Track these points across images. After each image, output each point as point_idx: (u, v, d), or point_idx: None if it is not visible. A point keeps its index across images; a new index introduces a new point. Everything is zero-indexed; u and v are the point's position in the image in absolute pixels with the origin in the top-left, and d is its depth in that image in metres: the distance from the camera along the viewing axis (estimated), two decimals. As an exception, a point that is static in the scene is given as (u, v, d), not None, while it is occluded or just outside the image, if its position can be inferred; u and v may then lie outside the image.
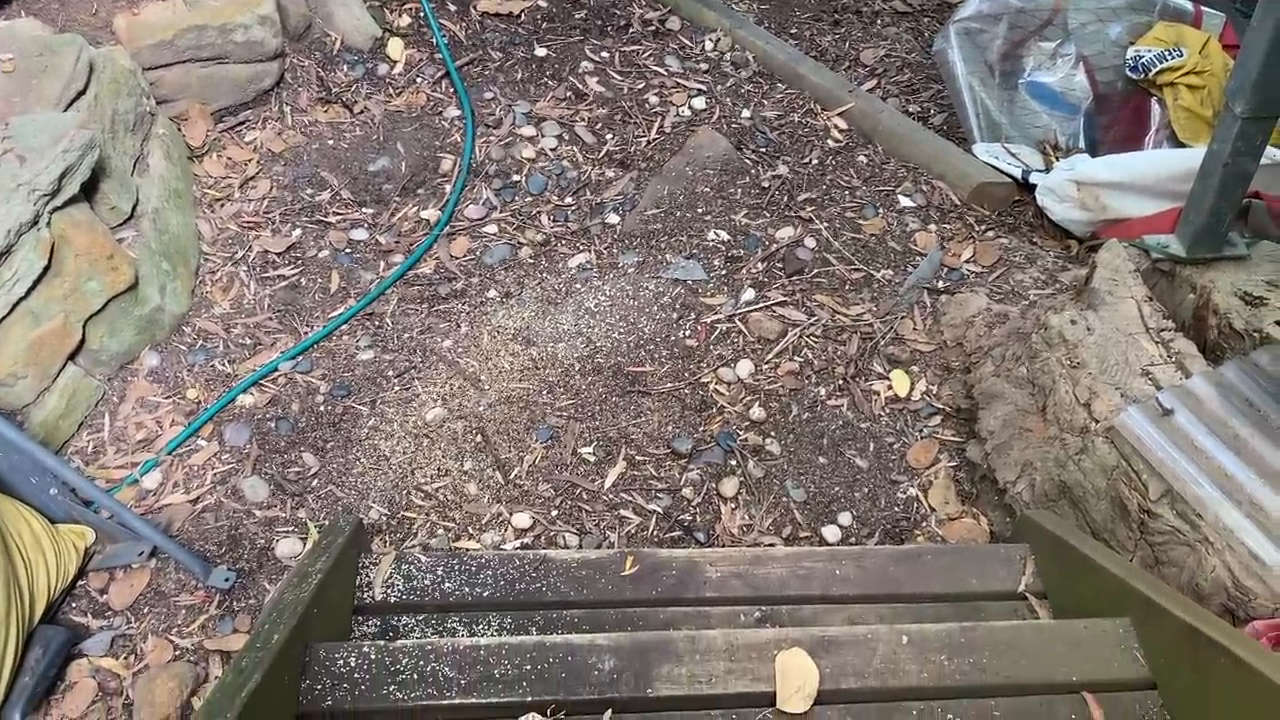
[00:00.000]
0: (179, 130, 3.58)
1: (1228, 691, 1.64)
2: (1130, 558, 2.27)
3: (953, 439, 2.95)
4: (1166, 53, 3.75)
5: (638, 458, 2.89)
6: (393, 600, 2.13)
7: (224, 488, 2.78)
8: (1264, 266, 2.72)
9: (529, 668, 1.80)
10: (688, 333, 3.19)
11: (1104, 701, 1.81)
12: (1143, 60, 3.79)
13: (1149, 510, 2.22)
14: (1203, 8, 3.98)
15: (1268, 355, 2.44)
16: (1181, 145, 3.74)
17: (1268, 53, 2.29)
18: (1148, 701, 1.82)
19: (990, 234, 3.53)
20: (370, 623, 2.12)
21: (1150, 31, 3.87)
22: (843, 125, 3.95)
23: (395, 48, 4.05)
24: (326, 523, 2.68)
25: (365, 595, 2.14)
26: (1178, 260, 2.73)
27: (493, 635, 2.07)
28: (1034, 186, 3.62)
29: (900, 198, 3.67)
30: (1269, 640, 1.96)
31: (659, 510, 2.77)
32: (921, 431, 2.98)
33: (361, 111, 3.82)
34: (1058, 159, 3.75)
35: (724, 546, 2.70)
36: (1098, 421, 2.41)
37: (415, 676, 1.78)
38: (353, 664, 1.80)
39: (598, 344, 3.14)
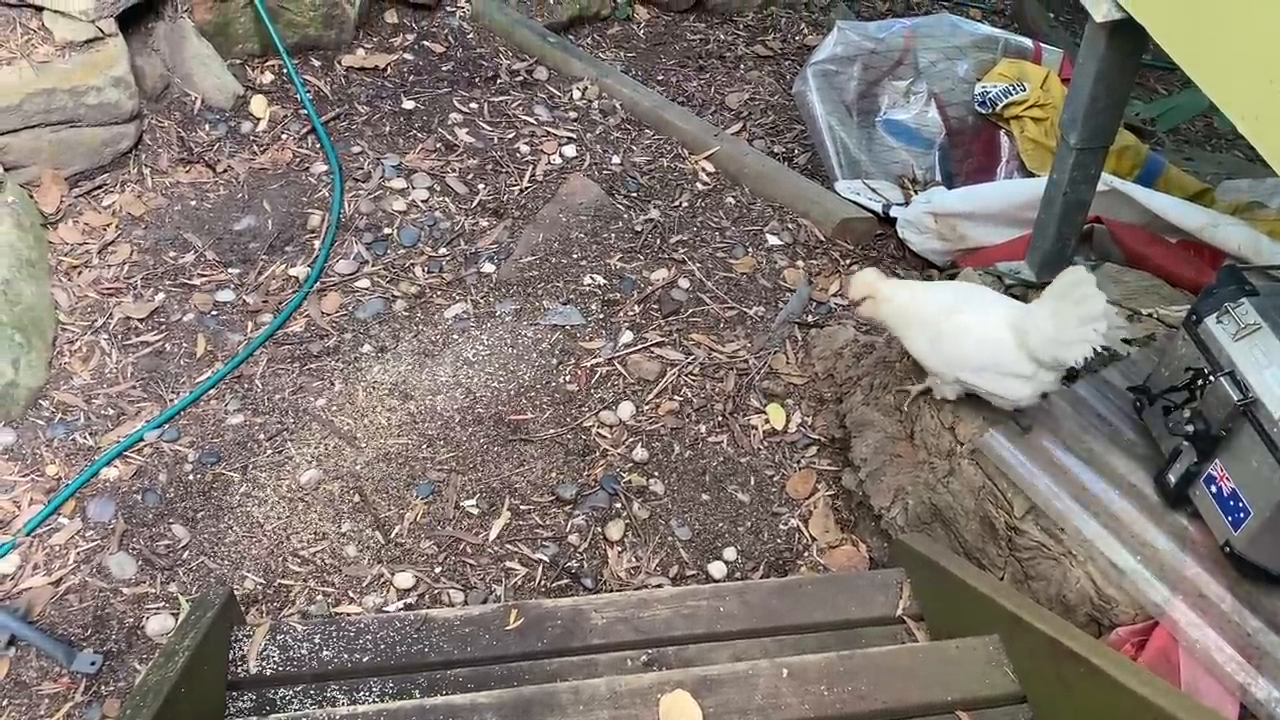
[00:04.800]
0: (31, 197, 3.44)
1: (1089, 699, 1.70)
2: (1001, 575, 2.35)
3: (829, 468, 3.02)
4: (1011, 88, 3.95)
5: (522, 507, 2.87)
6: (268, 673, 2.07)
7: (88, 566, 2.66)
8: (1108, 288, 2.87)
9: (409, 733, 1.77)
10: (568, 378, 3.20)
11: (978, 718, 1.86)
12: (989, 95, 3.98)
13: (1015, 527, 2.30)
14: (1042, 45, 4.22)
15: (1117, 372, 2.57)
16: (1031, 175, 3.94)
17: (1093, 88, 2.44)
18: (1019, 715, 1.89)
19: (855, 267, 3.65)
20: (245, 698, 2.05)
21: (995, 68, 4.08)
22: (710, 168, 4.04)
23: (258, 105, 3.98)
24: (198, 596, 2.59)
25: (239, 669, 2.08)
26: (1029, 285, 2.86)
27: (373, 702, 2.02)
28: (894, 220, 3.76)
29: (768, 236, 3.77)
30: (1133, 646, 2.04)
31: (545, 559, 2.75)
32: (799, 463, 3.04)
33: (225, 170, 3.74)
34: (916, 192, 3.90)
35: (612, 591, 2.70)
36: (962, 444, 2.49)
37: (290, 751, 1.73)
38: (223, 744, 1.74)
39: (477, 394, 3.13)
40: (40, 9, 3.46)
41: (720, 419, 3.13)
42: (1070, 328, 2.12)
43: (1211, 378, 2.05)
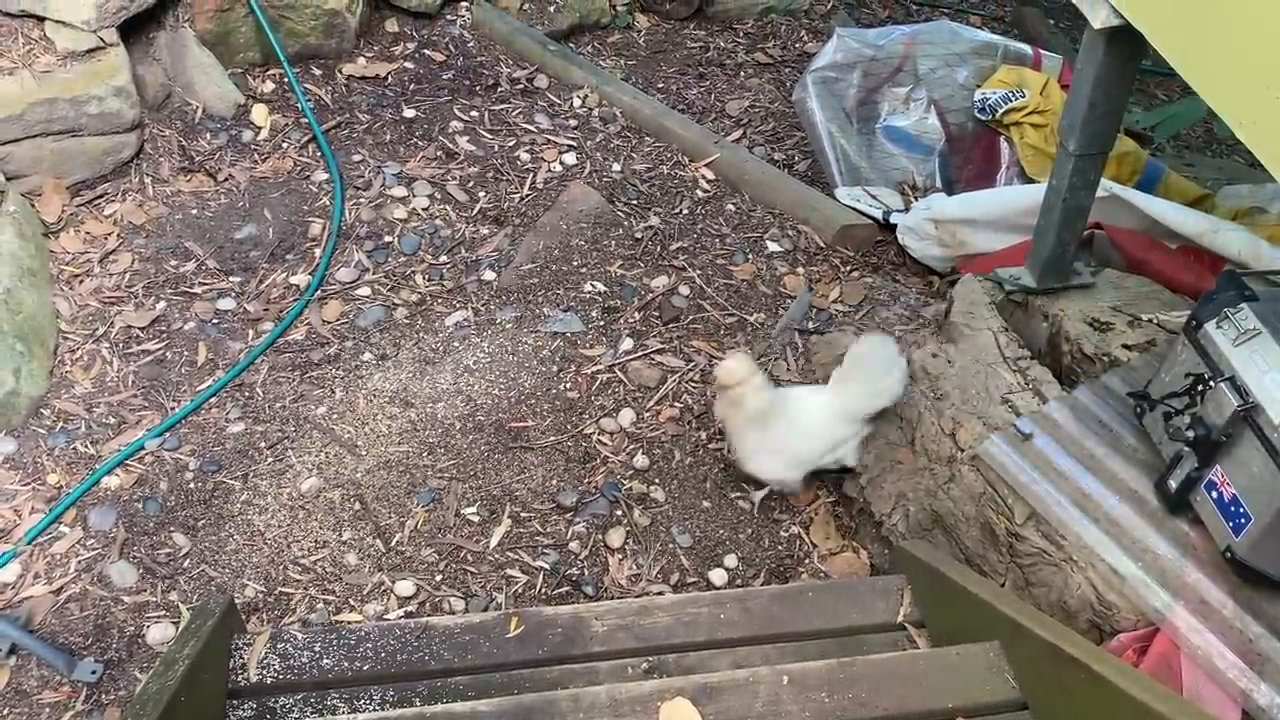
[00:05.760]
0: (32, 206, 3.45)
1: (1090, 705, 1.70)
2: (1002, 581, 2.35)
3: (829, 475, 3.01)
4: (1010, 94, 3.95)
5: (522, 514, 2.87)
6: (269, 681, 2.07)
7: (89, 575, 2.66)
8: (1109, 293, 2.87)
9: (408, 741, 1.77)
10: (568, 385, 3.20)
11: (979, 725, 1.86)
12: (989, 102, 3.98)
13: (1016, 534, 2.30)
14: (1041, 51, 4.22)
15: (1117, 377, 2.57)
16: (1031, 181, 3.94)
17: (1091, 94, 2.44)
18: (1020, 722, 1.88)
19: (855, 274, 3.65)
20: (246, 706, 2.04)
21: (994, 74, 4.08)
22: (710, 175, 4.04)
23: (259, 114, 3.99)
24: (198, 604, 2.59)
25: (240, 678, 2.08)
26: (1029, 291, 2.86)
27: (374, 710, 2.02)
28: (895, 226, 3.76)
29: (768, 243, 3.77)
30: (1134, 652, 2.04)
31: (546, 566, 2.75)
32: (800, 470, 3.04)
33: (226, 179, 3.75)
34: (916, 199, 3.90)
35: (612, 598, 2.70)
36: (963, 450, 2.49)
37: (290, 760, 1.73)
38: (223, 753, 1.73)
39: (478, 401, 3.13)
40: (42, 19, 3.47)
41: (721, 426, 3.12)
42: (879, 383, 2.71)
43: (1212, 383, 2.05)
